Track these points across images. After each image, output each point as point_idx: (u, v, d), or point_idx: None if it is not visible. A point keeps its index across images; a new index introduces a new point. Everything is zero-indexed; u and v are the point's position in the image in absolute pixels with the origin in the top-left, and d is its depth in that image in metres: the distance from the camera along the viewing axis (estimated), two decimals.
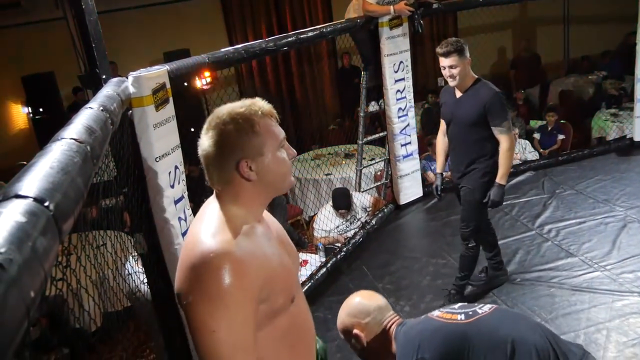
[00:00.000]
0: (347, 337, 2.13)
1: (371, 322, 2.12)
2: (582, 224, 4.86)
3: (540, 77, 9.84)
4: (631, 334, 3.40)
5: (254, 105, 1.52)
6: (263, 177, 1.51)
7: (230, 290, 1.37)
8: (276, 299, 1.52)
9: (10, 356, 0.57)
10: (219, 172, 1.51)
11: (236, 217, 1.50)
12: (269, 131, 1.52)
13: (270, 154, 1.51)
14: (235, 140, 1.47)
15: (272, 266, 1.51)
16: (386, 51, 5.23)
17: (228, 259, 1.39)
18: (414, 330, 2.01)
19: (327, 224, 5.29)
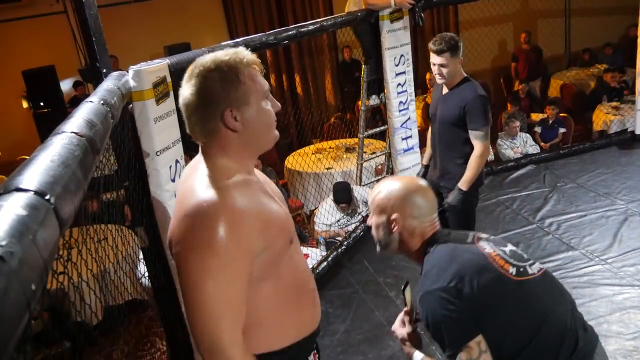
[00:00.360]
0: (379, 213, 1.87)
1: (416, 218, 1.85)
2: (583, 217, 4.87)
3: (542, 70, 9.82)
4: (632, 327, 3.41)
5: (239, 53, 1.48)
6: (248, 127, 1.47)
7: (222, 240, 1.34)
8: (275, 243, 1.50)
9: (11, 349, 0.57)
10: (202, 122, 1.47)
11: (227, 169, 1.48)
12: (254, 80, 1.47)
13: (255, 104, 1.47)
14: (219, 88, 1.43)
15: (267, 213, 1.49)
16: (387, 44, 5.22)
17: (223, 209, 1.37)
18: (459, 254, 1.75)
19: (328, 217, 5.29)
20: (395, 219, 1.82)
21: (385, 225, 1.85)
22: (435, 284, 1.66)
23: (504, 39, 10.71)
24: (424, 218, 1.85)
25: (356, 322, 3.91)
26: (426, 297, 1.67)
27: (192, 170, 1.54)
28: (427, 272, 1.73)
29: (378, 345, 3.60)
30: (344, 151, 7.04)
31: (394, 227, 1.83)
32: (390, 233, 1.85)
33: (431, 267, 1.73)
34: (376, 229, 1.89)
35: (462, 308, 1.60)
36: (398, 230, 1.84)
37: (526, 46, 9.70)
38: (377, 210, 1.88)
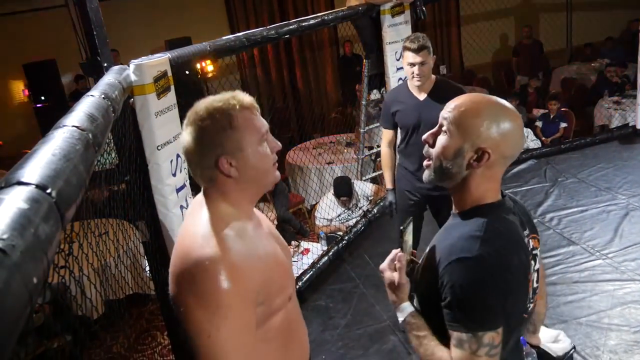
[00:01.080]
0: (462, 135, 1.43)
1: (506, 159, 1.49)
2: (584, 212, 4.86)
3: (543, 64, 9.80)
4: (633, 321, 3.41)
5: (232, 99, 1.47)
6: (245, 173, 1.46)
7: (227, 296, 1.33)
8: (273, 301, 1.48)
9: (13, 342, 0.57)
10: (200, 169, 1.47)
11: (227, 216, 1.46)
12: (248, 125, 1.46)
13: (250, 149, 1.45)
14: (213, 136, 1.43)
15: (267, 267, 1.47)
16: (388, 39, 5.21)
17: (223, 265, 1.35)
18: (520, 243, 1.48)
19: (329, 212, 5.30)
20: (487, 152, 1.43)
21: (463, 153, 1.44)
22: (490, 254, 1.37)
23: (505, 33, 10.70)
24: (510, 161, 1.52)
25: (357, 316, 3.92)
26: (472, 262, 1.37)
27: (193, 211, 1.53)
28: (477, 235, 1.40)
29: (379, 340, 3.61)
30: (344, 146, 7.04)
31: (476, 162, 1.44)
32: (467, 167, 1.46)
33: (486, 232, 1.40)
34: (444, 151, 1.47)
35: (502, 294, 1.38)
36: (479, 167, 1.45)
37: (527, 40, 9.69)
38: (459, 129, 1.45)
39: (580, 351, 3.23)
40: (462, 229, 1.45)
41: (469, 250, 1.37)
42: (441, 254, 1.44)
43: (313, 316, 3.97)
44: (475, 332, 1.36)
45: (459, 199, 1.53)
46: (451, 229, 1.51)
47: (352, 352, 3.59)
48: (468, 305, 1.37)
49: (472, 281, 1.36)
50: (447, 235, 1.48)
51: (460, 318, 1.38)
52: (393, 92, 3.66)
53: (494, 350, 1.37)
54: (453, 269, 1.38)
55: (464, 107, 1.45)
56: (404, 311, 1.55)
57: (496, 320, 1.38)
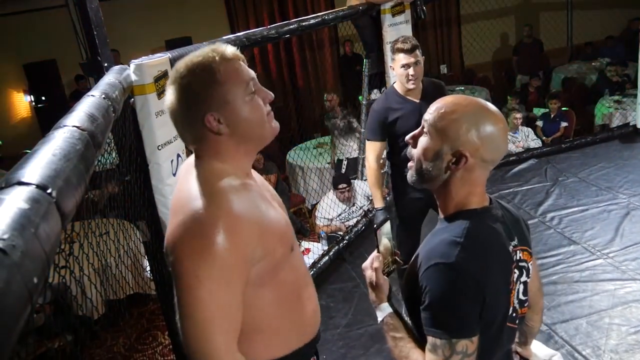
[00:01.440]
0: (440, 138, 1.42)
1: (486, 163, 1.45)
2: (585, 211, 4.86)
3: (543, 63, 9.80)
4: (634, 321, 3.41)
5: (212, 51, 1.39)
6: (236, 127, 1.39)
7: (218, 249, 1.27)
8: (275, 251, 1.42)
9: (13, 341, 0.57)
10: (188, 129, 1.41)
11: (222, 172, 1.40)
12: (232, 76, 1.37)
13: (238, 101, 1.38)
14: (196, 93, 1.36)
15: (266, 220, 1.41)
16: (388, 38, 5.20)
17: (219, 214, 1.30)
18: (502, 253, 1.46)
19: (330, 212, 5.30)
20: (464, 155, 1.40)
21: (442, 156, 1.42)
22: (467, 261, 1.35)
23: (505, 33, 10.70)
24: (490, 166, 1.47)
25: (357, 316, 3.91)
26: (449, 268, 1.35)
27: (186, 173, 1.46)
28: (457, 241, 1.38)
29: (379, 340, 3.61)
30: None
31: (454, 165, 1.42)
32: (446, 170, 1.44)
33: (466, 239, 1.38)
34: (424, 153, 1.45)
35: (478, 302, 1.36)
36: (459, 170, 1.43)
37: (527, 40, 9.69)
38: (438, 131, 1.43)
39: (582, 351, 3.23)
40: (443, 234, 1.43)
41: (447, 256, 1.36)
42: (422, 258, 1.43)
43: None
44: (449, 339, 1.34)
45: (442, 202, 1.51)
46: (435, 234, 1.50)
47: (352, 351, 3.59)
48: (443, 311, 1.36)
49: (448, 288, 1.35)
50: (431, 240, 1.47)
51: (436, 323, 1.36)
52: (381, 101, 3.51)
53: (466, 359, 1.35)
54: (430, 274, 1.37)
55: (444, 109, 1.43)
56: (382, 311, 1.54)
57: (471, 328, 1.36)
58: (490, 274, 1.39)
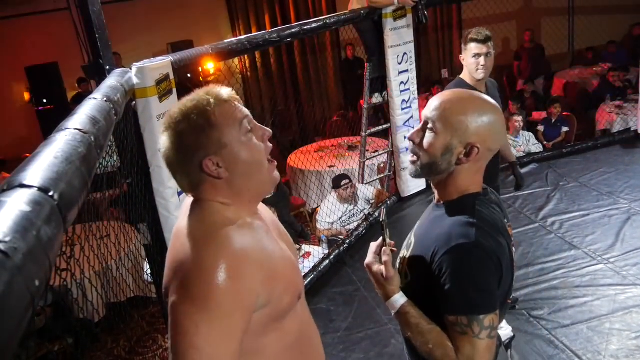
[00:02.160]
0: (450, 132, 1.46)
1: (490, 154, 1.51)
2: (586, 216, 4.86)
3: (545, 68, 9.81)
4: (634, 326, 3.40)
5: (205, 94, 1.34)
6: (234, 170, 1.33)
7: (218, 293, 1.20)
8: (281, 300, 1.34)
9: (16, 343, 0.57)
10: (186, 176, 1.35)
11: (224, 213, 1.34)
12: (226, 118, 1.32)
13: (235, 142, 1.32)
14: (192, 139, 1.30)
15: (273, 264, 1.33)
16: (390, 42, 5.22)
17: (222, 257, 1.23)
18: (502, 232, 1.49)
19: (330, 215, 5.30)
20: (476, 147, 1.46)
21: (452, 149, 1.47)
22: (486, 239, 1.40)
23: (507, 37, 10.70)
24: (492, 154, 1.53)
25: (358, 319, 3.91)
26: (472, 247, 1.38)
27: (187, 212, 1.40)
28: (472, 222, 1.43)
29: (380, 343, 3.60)
30: (346, 149, 7.04)
31: (466, 157, 1.47)
32: (455, 162, 1.48)
33: (479, 220, 1.43)
34: (433, 149, 1.49)
35: (498, 276, 1.42)
36: (468, 162, 1.48)
37: (529, 44, 9.69)
38: (447, 126, 1.47)
39: (582, 356, 3.22)
40: (452, 217, 1.47)
41: (467, 237, 1.40)
42: (437, 243, 1.45)
43: (314, 319, 3.96)
44: (476, 316, 1.38)
45: (444, 190, 1.55)
46: (439, 219, 1.52)
47: (353, 355, 3.58)
48: (469, 289, 1.39)
49: (473, 266, 1.39)
50: (436, 225, 1.50)
51: (461, 303, 1.40)
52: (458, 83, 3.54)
53: (493, 332, 1.40)
54: (453, 256, 1.40)
55: (449, 104, 1.48)
56: (398, 302, 1.54)
57: (494, 302, 1.41)
58: (503, 251, 1.44)
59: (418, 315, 1.50)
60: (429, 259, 1.46)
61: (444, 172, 1.50)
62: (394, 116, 5.46)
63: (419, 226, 1.62)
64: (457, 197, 1.52)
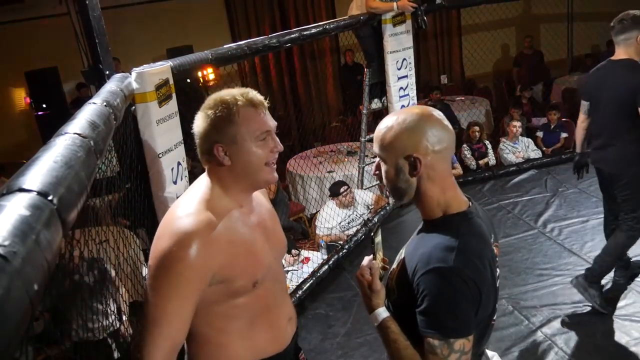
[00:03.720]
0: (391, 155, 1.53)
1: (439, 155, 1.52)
2: (585, 222, 4.86)
3: (544, 74, 9.82)
4: (634, 333, 3.40)
5: (240, 95, 1.60)
6: (236, 164, 1.59)
7: (180, 262, 1.48)
8: (233, 282, 1.60)
9: (14, 347, 0.57)
10: (202, 151, 1.63)
11: (217, 198, 1.61)
12: (247, 121, 1.58)
13: (245, 144, 1.58)
14: (213, 125, 1.58)
15: (234, 252, 1.59)
16: (389, 48, 5.23)
17: (194, 232, 1.49)
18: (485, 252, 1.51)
19: (329, 221, 5.29)
20: (416, 157, 1.49)
21: (401, 169, 1.52)
22: (464, 264, 1.42)
23: (506, 44, 10.73)
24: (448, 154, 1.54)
25: (357, 325, 3.91)
26: (448, 272, 1.41)
27: (195, 184, 1.70)
28: (452, 246, 1.44)
29: (378, 349, 3.60)
30: (345, 155, 7.04)
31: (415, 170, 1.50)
32: (412, 177, 1.52)
33: (460, 243, 1.44)
34: (388, 176, 1.56)
35: (475, 302, 1.44)
36: (422, 172, 1.50)
37: (528, 51, 9.71)
38: (385, 152, 1.54)
39: None
40: (436, 238, 1.50)
41: (445, 261, 1.42)
42: (417, 262, 1.48)
43: (313, 324, 3.97)
44: (447, 339, 1.42)
45: (426, 207, 1.58)
46: (425, 237, 1.55)
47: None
48: (441, 312, 1.43)
49: (447, 290, 1.42)
50: (422, 244, 1.53)
51: (434, 324, 1.44)
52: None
53: (464, 357, 1.43)
54: (429, 278, 1.43)
55: (380, 132, 1.55)
56: (380, 315, 1.60)
57: (468, 327, 1.44)
58: (484, 275, 1.47)
59: (397, 332, 1.55)
60: (411, 277, 1.50)
61: (409, 191, 1.55)
62: None
63: (410, 242, 1.65)
64: (440, 215, 1.55)
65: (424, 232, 1.58)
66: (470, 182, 6.12)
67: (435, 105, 8.11)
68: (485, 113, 8.40)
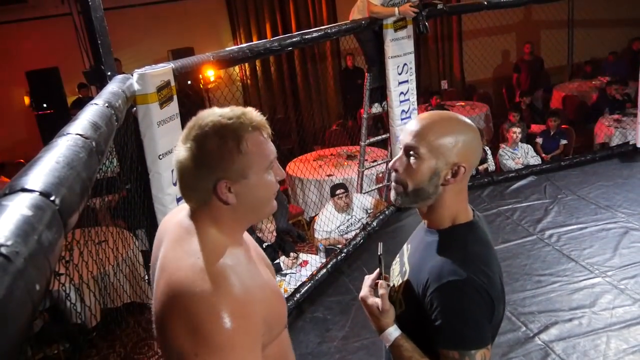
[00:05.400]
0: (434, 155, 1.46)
1: (472, 168, 1.52)
2: (584, 229, 4.86)
3: (544, 80, 9.83)
4: (631, 341, 3.40)
5: (243, 116, 1.29)
6: (243, 201, 1.30)
7: (231, 336, 1.16)
8: (273, 331, 1.36)
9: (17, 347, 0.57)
10: (195, 191, 1.30)
11: (220, 245, 1.30)
12: (257, 151, 1.29)
13: (255, 177, 1.30)
14: (216, 158, 1.26)
15: (267, 297, 1.33)
16: (390, 53, 5.23)
17: (226, 301, 1.18)
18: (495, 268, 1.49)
19: (328, 224, 5.30)
20: (462, 166, 1.46)
21: (439, 173, 1.46)
22: (477, 275, 1.40)
23: (506, 49, 10.74)
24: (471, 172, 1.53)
25: (355, 329, 3.90)
26: (463, 284, 1.39)
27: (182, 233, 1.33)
28: (464, 258, 1.43)
29: (376, 353, 3.59)
30: (345, 158, 7.05)
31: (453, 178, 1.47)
32: (442, 184, 1.48)
33: (471, 254, 1.45)
34: (419, 175, 1.48)
35: (489, 311, 1.43)
36: (454, 183, 1.48)
37: (528, 57, 9.73)
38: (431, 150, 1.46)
39: None
40: (445, 251, 1.47)
41: (458, 273, 1.40)
42: (428, 276, 1.46)
43: (311, 328, 3.96)
44: (468, 351, 1.40)
45: (436, 216, 1.54)
46: (432, 249, 1.51)
47: None
48: (460, 325, 1.41)
49: (463, 302, 1.41)
50: (430, 256, 1.49)
51: (453, 338, 1.42)
52: None
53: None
54: (444, 292, 1.41)
55: (428, 128, 1.47)
56: (392, 335, 1.55)
57: (486, 337, 1.44)
58: (494, 282, 1.45)
59: (411, 349, 1.51)
60: (421, 291, 1.48)
61: (431, 197, 1.50)
62: (393, 126, 5.47)
63: (413, 252, 1.62)
64: (448, 225, 1.52)
65: (428, 240, 1.55)
66: (470, 188, 6.06)
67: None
68: (484, 119, 8.41)
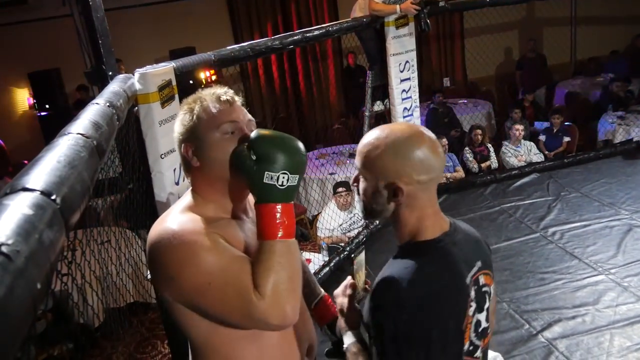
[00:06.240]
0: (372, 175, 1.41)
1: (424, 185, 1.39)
2: (587, 227, 4.85)
3: (546, 78, 9.81)
4: (635, 338, 3.40)
5: (208, 91, 1.50)
6: (205, 163, 1.44)
7: (197, 245, 1.30)
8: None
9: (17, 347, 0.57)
10: (179, 153, 1.51)
11: (198, 204, 1.45)
12: (208, 114, 1.44)
13: (209, 139, 1.42)
14: (180, 124, 1.49)
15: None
16: (392, 50, 5.23)
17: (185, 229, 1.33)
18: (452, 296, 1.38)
19: (331, 222, 5.29)
20: (399, 187, 1.37)
21: (380, 192, 1.41)
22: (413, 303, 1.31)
23: (509, 47, 10.72)
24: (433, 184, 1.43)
25: None
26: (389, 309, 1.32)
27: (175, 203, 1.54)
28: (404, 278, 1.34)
29: None
30: (347, 156, 7.04)
31: (395, 198, 1.39)
32: (388, 203, 1.41)
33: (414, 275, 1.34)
34: (364, 193, 1.45)
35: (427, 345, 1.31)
36: (399, 202, 1.40)
37: (531, 54, 9.70)
38: (368, 170, 1.43)
39: None
40: (390, 268, 1.40)
41: (388, 296, 1.34)
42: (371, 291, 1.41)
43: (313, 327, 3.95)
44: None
45: (395, 232, 1.48)
46: (389, 264, 1.45)
47: None
48: (383, 352, 1.34)
49: (388, 330, 1.32)
50: (383, 271, 1.42)
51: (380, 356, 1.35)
52: None
53: None
54: (373, 312, 1.36)
55: (365, 148, 1.42)
56: (347, 339, 1.54)
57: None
58: (438, 315, 1.34)
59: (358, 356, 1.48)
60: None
61: (383, 214, 1.44)
62: None
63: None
64: (407, 240, 1.44)
65: (392, 258, 1.47)
66: (472, 185, 6.11)
67: (438, 108, 8.14)
68: (487, 116, 8.40)
